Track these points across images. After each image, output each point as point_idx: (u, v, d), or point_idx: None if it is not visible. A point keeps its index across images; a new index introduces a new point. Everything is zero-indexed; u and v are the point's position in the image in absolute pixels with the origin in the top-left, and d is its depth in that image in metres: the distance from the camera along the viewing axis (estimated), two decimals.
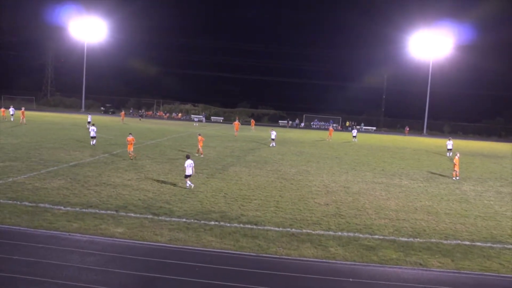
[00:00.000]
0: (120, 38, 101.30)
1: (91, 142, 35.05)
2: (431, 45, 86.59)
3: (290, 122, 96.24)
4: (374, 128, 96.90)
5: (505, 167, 37.42)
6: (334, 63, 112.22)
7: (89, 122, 49.58)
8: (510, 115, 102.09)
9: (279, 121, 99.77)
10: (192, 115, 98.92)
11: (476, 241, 15.44)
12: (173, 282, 11.03)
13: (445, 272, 12.55)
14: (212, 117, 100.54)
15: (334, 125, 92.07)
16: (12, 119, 55.35)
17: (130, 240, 13.62)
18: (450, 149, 44.78)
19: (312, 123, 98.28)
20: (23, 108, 54.39)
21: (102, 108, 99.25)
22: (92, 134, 35.53)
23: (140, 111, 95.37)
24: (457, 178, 28.55)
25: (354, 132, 59.81)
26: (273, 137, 43.86)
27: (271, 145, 43.11)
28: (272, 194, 21.04)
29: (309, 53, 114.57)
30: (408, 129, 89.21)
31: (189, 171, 20.86)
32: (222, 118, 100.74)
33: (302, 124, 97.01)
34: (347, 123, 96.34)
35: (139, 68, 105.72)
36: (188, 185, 21.07)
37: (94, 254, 12.35)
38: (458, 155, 29.77)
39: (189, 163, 20.83)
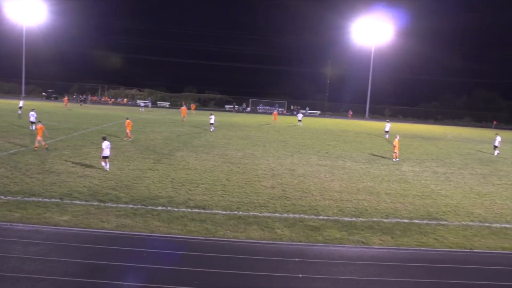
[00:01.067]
0: (62, 21, 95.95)
1: (31, 127, 33.74)
2: (373, 31, 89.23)
3: (237, 106, 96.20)
4: (319, 112, 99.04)
5: (441, 149, 39.52)
6: (280, 48, 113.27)
7: (20, 107, 46.80)
8: (445, 99, 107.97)
9: (226, 106, 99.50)
10: (138, 100, 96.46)
11: (414, 219, 16.25)
12: (120, 268, 10.83)
13: (386, 249, 13.14)
14: (158, 102, 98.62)
15: (279, 109, 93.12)
16: None
17: (75, 228, 13.23)
18: (388, 131, 47.09)
19: (258, 108, 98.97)
20: None
21: (44, 93, 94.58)
22: (32, 119, 34.20)
23: (81, 96, 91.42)
24: (397, 159, 29.82)
25: (299, 116, 61.00)
26: (212, 121, 43.46)
27: (211, 129, 42.78)
28: (219, 178, 21.02)
29: (256, 38, 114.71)
30: (351, 113, 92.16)
31: (106, 153, 20.90)
32: (169, 103, 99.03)
33: (248, 109, 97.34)
34: (292, 107, 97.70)
35: (82, 52, 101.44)
36: (106, 166, 20.97)
37: (38, 243, 11.88)
38: (397, 137, 31.06)
39: (106, 144, 20.87)
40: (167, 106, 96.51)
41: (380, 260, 12.35)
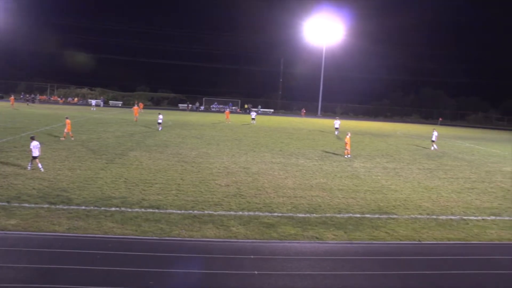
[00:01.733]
0: (7, 18, 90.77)
1: None
2: (324, 31, 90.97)
3: (190, 105, 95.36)
4: (272, 110, 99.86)
5: (391, 145, 40.84)
6: (233, 47, 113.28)
7: None
8: (395, 97, 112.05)
9: (179, 105, 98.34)
10: (89, 100, 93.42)
11: (365, 213, 16.65)
12: (73, 271, 10.40)
13: (339, 244, 13.37)
14: (110, 102, 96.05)
15: (233, 107, 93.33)
16: None
17: (24, 232, 12.63)
18: (337, 128, 48.70)
19: (211, 106, 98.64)
20: None
21: None
22: None
23: (28, 96, 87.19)
24: (349, 156, 30.51)
25: (253, 114, 61.24)
26: (160, 121, 42.76)
27: (159, 129, 42.06)
28: (174, 177, 20.74)
29: (209, 37, 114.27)
30: (304, 111, 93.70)
31: (35, 153, 20.25)
32: (121, 102, 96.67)
33: (202, 108, 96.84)
34: (246, 106, 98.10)
35: (29, 50, 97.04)
36: (39, 166, 20.24)
37: None
38: (349, 134, 31.77)
39: (34, 144, 20.25)
40: (120, 105, 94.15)
41: (334, 254, 12.56)
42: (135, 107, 55.69)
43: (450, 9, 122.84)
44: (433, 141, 38.57)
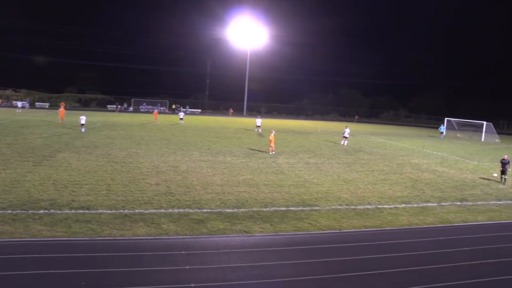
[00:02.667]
0: None
1: None
2: (248, 34, 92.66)
3: (119, 106, 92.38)
4: (200, 110, 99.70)
5: (312, 141, 42.66)
6: (160, 49, 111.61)
7: None
8: (315, 97, 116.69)
9: (108, 106, 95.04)
10: (14, 101, 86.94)
11: (290, 206, 17.47)
12: (1, 278, 9.96)
13: (266, 236, 13.97)
14: (37, 103, 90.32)
15: (161, 108, 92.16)
16: None
17: None
18: (259, 126, 50.63)
19: (140, 107, 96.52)
20: None
21: None
22: None
23: None
24: (273, 153, 31.54)
25: (181, 114, 61.40)
26: (82, 122, 41.24)
27: (82, 130, 40.56)
28: (103, 178, 20.38)
29: (137, 39, 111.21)
30: (232, 111, 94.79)
31: None
32: (48, 104, 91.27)
33: (131, 108, 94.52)
34: (173, 106, 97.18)
35: None
36: None
37: None
38: (273, 132, 32.84)
39: None
40: (47, 107, 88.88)
41: (262, 246, 13.11)
42: (61, 109, 52.88)
43: (365, 15, 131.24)
44: (345, 137, 40.85)
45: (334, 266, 11.93)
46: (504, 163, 24.81)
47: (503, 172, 24.80)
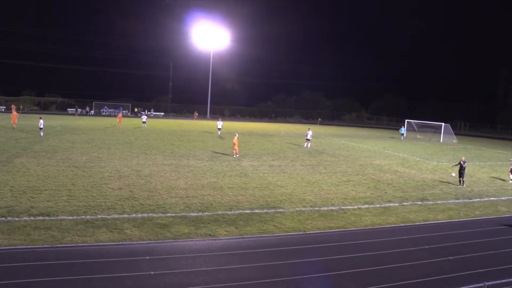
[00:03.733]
0: None
1: None
2: (211, 37, 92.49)
3: (80, 109, 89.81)
4: (163, 113, 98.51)
5: (276, 144, 42.94)
6: (122, 51, 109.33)
7: None
8: (279, 99, 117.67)
9: (68, 109, 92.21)
10: None
11: (255, 209, 17.52)
12: None
13: (231, 239, 13.96)
14: None
15: (124, 111, 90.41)
16: None
17: None
18: (220, 128, 51.78)
19: (102, 110, 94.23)
20: None
21: None
22: None
23: None
24: (237, 155, 31.53)
25: (144, 117, 60.75)
26: (41, 126, 40.02)
27: (41, 134, 39.29)
28: (64, 183, 19.83)
29: (98, 41, 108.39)
30: (197, 114, 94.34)
31: None
32: (4, 107, 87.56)
33: (92, 112, 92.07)
34: (136, 109, 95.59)
35: None
36: None
37: None
38: (236, 135, 32.84)
39: None
40: (3, 110, 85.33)
41: (227, 249, 13.08)
42: (14, 112, 50.74)
43: (327, 19, 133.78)
44: (308, 139, 41.34)
45: (300, 267, 12.05)
46: (461, 165, 25.36)
47: (461, 174, 25.35)
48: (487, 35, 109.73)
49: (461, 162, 25.44)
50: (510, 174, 28.00)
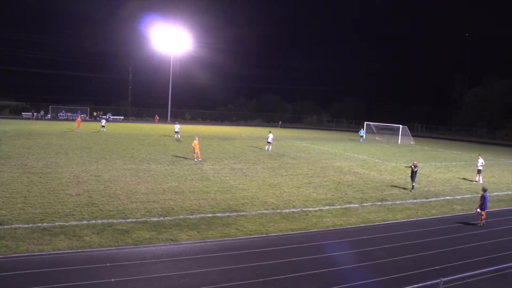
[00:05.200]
0: None
1: None
2: (172, 40, 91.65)
3: (35, 114, 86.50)
4: (122, 117, 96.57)
5: (237, 147, 43.00)
6: (80, 53, 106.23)
7: None
8: (239, 103, 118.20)
9: (23, 113, 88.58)
10: None
11: (217, 213, 17.48)
12: None
13: (193, 243, 13.87)
14: None
15: (82, 115, 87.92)
16: None
17: None
18: (177, 132, 51.73)
19: (59, 114, 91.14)
20: None
21: None
22: None
23: None
24: (198, 159, 31.36)
25: (103, 121, 59.36)
26: None
27: None
28: (19, 190, 19.08)
29: (54, 43, 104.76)
30: (157, 117, 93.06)
31: None
32: None
33: (49, 116, 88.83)
34: (94, 113, 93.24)
35: None
36: None
37: None
38: (196, 139, 32.67)
39: None
40: None
41: (189, 254, 13.00)
42: None
43: (286, 23, 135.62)
44: (269, 142, 41.63)
45: (263, 270, 12.13)
46: (412, 169, 24.56)
47: (412, 178, 24.69)
48: (444, 40, 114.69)
49: (412, 166, 24.72)
50: (477, 175, 29.11)
